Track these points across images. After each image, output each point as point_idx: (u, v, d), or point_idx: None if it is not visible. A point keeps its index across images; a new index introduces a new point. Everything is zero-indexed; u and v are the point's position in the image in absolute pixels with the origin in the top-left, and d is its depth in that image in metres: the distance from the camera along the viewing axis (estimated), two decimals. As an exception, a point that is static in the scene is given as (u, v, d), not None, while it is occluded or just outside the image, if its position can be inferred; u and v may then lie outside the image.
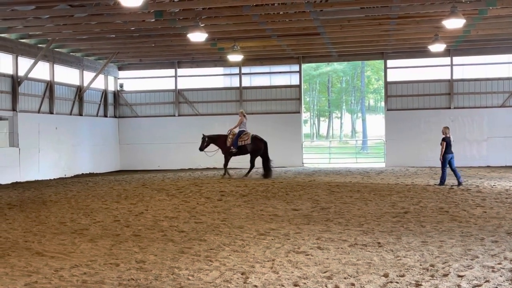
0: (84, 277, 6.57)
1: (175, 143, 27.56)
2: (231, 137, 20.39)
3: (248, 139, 20.29)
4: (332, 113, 65.23)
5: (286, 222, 10.30)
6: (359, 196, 14.04)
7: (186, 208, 12.56)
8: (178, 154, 27.38)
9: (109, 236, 9.20)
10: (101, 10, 17.00)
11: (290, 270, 6.72)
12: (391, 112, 26.30)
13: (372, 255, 7.46)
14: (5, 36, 20.04)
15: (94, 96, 26.73)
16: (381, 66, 34.15)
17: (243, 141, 20.28)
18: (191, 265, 7.11)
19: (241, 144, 20.27)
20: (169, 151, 27.59)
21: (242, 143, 20.28)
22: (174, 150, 27.49)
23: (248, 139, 20.29)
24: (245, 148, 20.39)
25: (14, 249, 8.23)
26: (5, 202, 14.08)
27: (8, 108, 20.63)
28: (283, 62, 27.17)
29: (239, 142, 20.24)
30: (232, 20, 18.76)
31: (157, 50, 24.54)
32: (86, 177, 22.51)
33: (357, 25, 19.79)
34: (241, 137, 20.26)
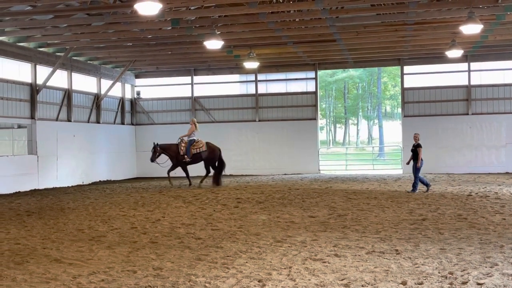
0: (102, 284, 6.60)
1: (191, 150, 27.57)
2: (183, 145, 19.94)
3: (202, 146, 20.02)
4: (348, 120, 65.00)
5: (302, 229, 10.27)
6: (376, 203, 13.96)
7: (202, 215, 12.58)
8: (195, 161, 27.39)
9: (126, 243, 9.24)
10: (118, 18, 17.16)
11: (307, 278, 6.69)
12: (408, 118, 26.14)
13: (390, 263, 7.40)
14: (24, 45, 20.31)
15: (112, 103, 26.95)
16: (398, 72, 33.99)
17: (197, 149, 19.94)
18: (208, 272, 7.11)
19: (195, 152, 19.93)
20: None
21: (197, 151, 19.95)
22: (191, 157, 27.51)
23: (203, 146, 20.03)
24: (199, 156, 20.08)
25: (33, 256, 8.30)
26: (24, 209, 14.22)
27: (27, 116, 20.87)
28: (299, 68, 27.17)
29: (193, 150, 19.88)
30: (248, 28, 18.82)
31: (174, 58, 24.69)
32: (104, 185, 22.66)
33: (373, 31, 19.73)
34: (193, 145, 19.90)
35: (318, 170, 26.83)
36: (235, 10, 16.39)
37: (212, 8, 16.59)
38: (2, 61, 19.60)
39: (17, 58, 20.18)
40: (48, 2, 14.94)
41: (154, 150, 19.85)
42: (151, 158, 19.94)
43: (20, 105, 20.50)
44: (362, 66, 32.49)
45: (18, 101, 20.40)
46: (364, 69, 50.69)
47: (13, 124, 21.70)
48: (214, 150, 20.29)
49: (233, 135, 27.48)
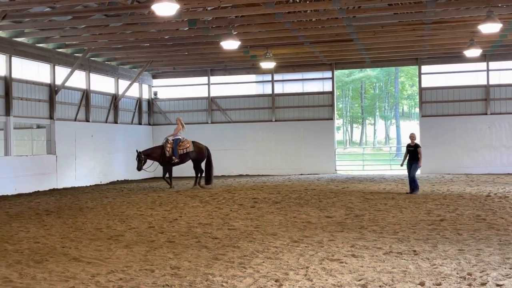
0: (120, 283, 6.65)
1: (208, 150, 27.64)
2: (169, 146, 19.34)
3: (189, 146, 19.52)
4: (365, 120, 64.70)
5: (319, 230, 10.25)
6: (393, 204, 13.88)
7: (219, 214, 12.61)
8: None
9: (144, 242, 9.30)
10: (136, 19, 17.28)
11: (324, 278, 6.68)
12: (426, 118, 25.96)
13: (408, 263, 7.36)
14: (43, 46, 20.54)
15: (129, 104, 27.14)
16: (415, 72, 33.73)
17: (184, 149, 19.42)
18: (225, 271, 7.13)
19: (182, 152, 19.40)
20: (202, 158, 27.69)
21: (184, 151, 19.42)
22: (207, 157, 27.59)
23: (190, 146, 19.53)
24: (186, 156, 19.60)
25: (52, 255, 8.39)
26: (43, 208, 14.38)
27: (46, 116, 21.09)
28: (315, 68, 27.11)
29: (180, 150, 19.33)
30: (264, 28, 18.83)
31: (191, 58, 24.78)
32: (121, 184, 22.82)
33: (391, 30, 19.62)
34: (180, 145, 19.38)
35: (334, 170, 26.75)
36: (251, 10, 16.40)
37: (228, 8, 16.63)
38: (21, 62, 19.84)
39: (36, 59, 20.42)
40: (66, 3, 15.09)
41: (138, 158, 19.08)
42: (137, 167, 19.18)
43: (39, 106, 20.73)
44: (379, 66, 32.38)
45: (37, 101, 20.64)
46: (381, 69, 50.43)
47: (32, 124, 21.96)
48: (201, 149, 19.87)
49: (250, 135, 27.52)
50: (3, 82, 18.93)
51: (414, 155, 16.35)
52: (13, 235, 10.28)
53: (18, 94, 19.57)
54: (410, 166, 16.42)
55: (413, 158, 16.38)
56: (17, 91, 19.53)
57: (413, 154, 16.41)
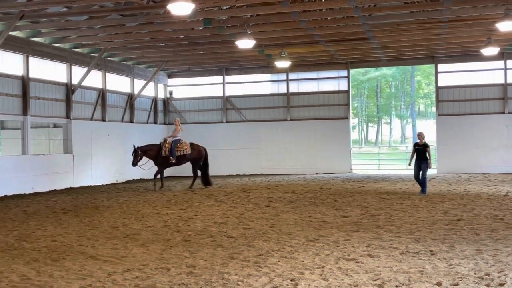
0: (136, 281, 6.69)
1: (223, 149, 27.74)
2: (167, 146, 19.06)
3: (187, 148, 19.29)
4: (381, 119, 64.38)
5: (335, 229, 10.22)
6: (410, 203, 13.80)
7: (234, 214, 12.63)
8: (226, 160, 27.56)
9: (160, 241, 9.33)
10: (152, 19, 17.35)
11: (340, 278, 6.65)
12: (442, 117, 25.76)
13: (424, 263, 7.30)
14: (60, 45, 20.70)
15: (145, 103, 27.26)
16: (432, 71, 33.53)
17: (181, 151, 19.17)
18: (241, 270, 7.13)
19: (180, 154, 19.15)
20: (217, 157, 27.71)
21: (181, 153, 19.18)
22: (222, 156, 27.66)
23: (188, 148, 19.30)
24: (183, 158, 19.38)
25: (69, 253, 8.45)
26: (60, 207, 14.50)
27: (63, 115, 21.26)
28: (331, 67, 27.02)
29: (177, 152, 19.08)
30: (279, 27, 18.80)
31: (206, 58, 24.83)
32: (137, 183, 22.93)
33: (407, 29, 19.49)
34: (178, 147, 19.12)
35: (350, 169, 26.64)
36: (267, 9, 16.39)
37: (244, 7, 16.63)
38: (39, 62, 20.01)
39: (53, 59, 20.59)
40: (83, 3, 15.19)
41: (135, 154, 18.72)
42: (133, 163, 18.79)
43: (56, 105, 20.90)
44: (395, 65, 32.22)
45: (54, 101, 20.81)
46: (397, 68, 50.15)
47: (49, 124, 22.17)
48: (200, 151, 19.64)
49: (264, 134, 27.51)
50: (20, 81, 19.12)
51: (423, 155, 15.88)
52: (30, 233, 10.38)
53: (35, 93, 19.74)
54: (418, 166, 15.96)
55: (422, 158, 15.90)
56: (34, 90, 19.70)
57: (421, 153, 15.94)
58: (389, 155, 43.73)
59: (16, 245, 9.17)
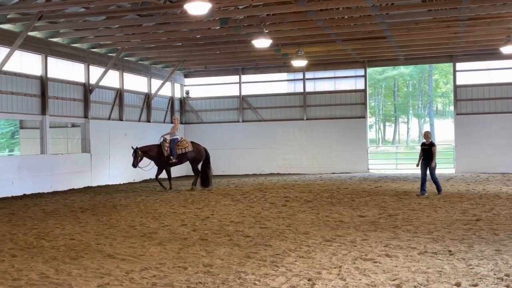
0: (153, 280, 6.71)
1: (239, 148, 27.79)
2: (167, 145, 18.53)
3: (188, 146, 18.68)
4: (398, 118, 63.97)
5: (352, 229, 10.16)
6: (428, 203, 13.69)
7: (251, 213, 12.63)
8: (242, 159, 27.60)
9: (177, 240, 9.36)
10: (168, 19, 17.43)
11: (358, 278, 6.61)
12: (460, 116, 25.52)
13: (443, 264, 7.24)
14: (78, 46, 20.87)
15: (161, 103, 27.39)
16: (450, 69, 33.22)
17: (182, 149, 18.59)
18: (257, 270, 7.12)
19: (181, 152, 18.58)
20: (233, 157, 27.84)
21: (182, 151, 18.60)
22: (239, 156, 27.73)
23: (189, 146, 18.71)
24: (184, 157, 18.78)
25: (87, 251, 8.51)
26: (78, 206, 14.62)
27: (81, 115, 21.43)
28: (347, 66, 26.90)
29: (178, 150, 18.52)
30: (296, 26, 18.77)
31: (222, 57, 24.87)
32: (154, 182, 23.00)
33: (425, 27, 19.33)
34: (178, 145, 18.56)
35: (367, 169, 26.51)
36: (283, 8, 16.37)
37: (260, 7, 16.62)
38: (57, 62, 20.20)
39: (71, 59, 20.76)
40: (101, 3, 15.29)
41: (135, 155, 18.19)
42: (133, 164, 18.26)
43: (74, 105, 21.08)
44: (413, 63, 31.95)
45: (72, 100, 20.99)
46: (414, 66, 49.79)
47: (67, 123, 22.36)
48: (200, 150, 19.06)
49: (281, 133, 27.49)
50: (39, 81, 19.31)
51: (429, 155, 15.39)
52: (49, 232, 10.47)
53: (53, 93, 19.93)
54: (425, 166, 15.52)
55: (428, 157, 15.42)
56: (52, 90, 19.89)
57: (428, 153, 15.45)
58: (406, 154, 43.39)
59: (35, 244, 9.26)
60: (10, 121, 31.81)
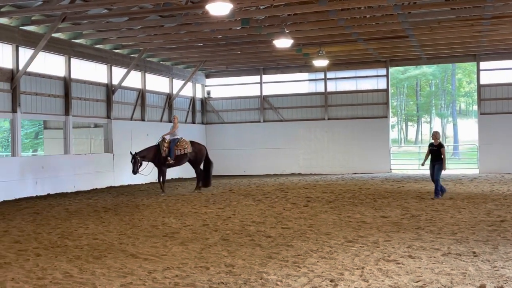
0: (176, 280, 6.74)
1: (260, 148, 27.81)
2: (166, 145, 17.77)
3: (188, 147, 18.00)
4: (420, 118, 63.37)
5: (374, 230, 10.09)
6: (451, 204, 13.53)
7: (272, 213, 12.61)
8: (263, 159, 27.61)
9: (198, 240, 9.39)
10: (190, 19, 17.50)
11: (381, 279, 6.56)
12: (484, 116, 25.19)
13: (467, 265, 7.14)
14: (101, 47, 21.07)
15: (183, 103, 27.52)
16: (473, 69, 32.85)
17: (182, 150, 17.89)
18: (279, 270, 7.11)
19: (180, 153, 17.87)
20: (255, 157, 27.87)
21: (181, 152, 17.89)
22: (260, 156, 27.74)
23: (188, 146, 18.03)
24: (184, 157, 18.07)
25: (110, 251, 8.58)
26: (101, 205, 14.76)
27: (103, 115, 21.64)
28: (369, 66, 26.74)
29: (177, 151, 17.79)
30: (317, 25, 18.70)
31: (243, 57, 24.90)
32: (175, 182, 23.15)
33: (448, 26, 19.12)
34: (177, 145, 17.84)
35: (389, 169, 26.31)
36: (304, 8, 16.33)
37: (281, 7, 16.60)
38: (80, 63, 20.42)
39: (94, 60, 20.97)
40: (123, 4, 15.42)
41: (134, 161, 17.35)
42: (133, 170, 17.43)
43: (97, 105, 21.29)
44: (435, 63, 31.63)
45: (95, 101, 21.20)
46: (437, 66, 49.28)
47: (90, 124, 22.59)
48: (200, 150, 18.53)
49: (302, 133, 27.43)
50: (62, 82, 19.54)
51: (438, 156, 14.94)
52: (73, 231, 10.58)
53: (76, 94, 20.15)
54: (433, 167, 15.03)
55: (436, 158, 14.96)
56: (76, 91, 20.11)
57: (436, 154, 15.00)
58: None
59: (59, 243, 9.36)
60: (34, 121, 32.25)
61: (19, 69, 17.29)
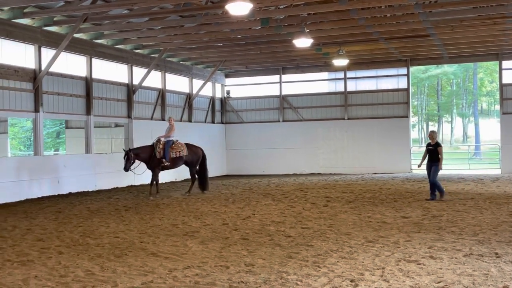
0: (196, 278, 6.77)
1: (279, 148, 27.80)
2: (161, 147, 16.90)
3: (184, 149, 17.25)
4: (441, 117, 62.76)
5: (395, 230, 10.02)
6: (473, 204, 13.39)
7: (292, 213, 12.60)
8: (283, 159, 27.59)
9: (218, 239, 9.42)
10: (210, 19, 17.55)
11: (402, 279, 6.52)
12: (507, 115, 24.86)
13: (489, 266, 7.06)
14: (121, 47, 21.23)
15: (202, 103, 27.62)
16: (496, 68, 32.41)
17: (177, 152, 17.11)
18: (299, 270, 7.10)
19: (175, 155, 17.08)
20: (274, 156, 27.86)
21: (177, 155, 17.10)
22: (279, 155, 27.73)
23: (184, 149, 17.27)
24: (180, 160, 17.31)
25: (131, 249, 8.65)
26: (121, 204, 14.88)
27: (124, 115, 21.80)
28: (390, 65, 26.57)
29: (172, 153, 16.99)
30: (337, 25, 18.63)
31: (263, 57, 24.91)
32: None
33: (470, 25, 18.91)
34: (172, 148, 17.03)
35: (410, 169, 26.10)
36: (324, 7, 16.28)
37: (301, 6, 16.56)
38: (101, 63, 20.60)
39: (115, 60, 21.13)
40: (143, 5, 15.52)
41: (127, 157, 16.41)
42: (125, 167, 16.44)
43: (117, 105, 21.46)
44: (457, 62, 31.31)
45: (116, 101, 21.37)
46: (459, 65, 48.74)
47: (111, 123, 22.76)
48: (196, 152, 17.73)
49: (321, 133, 27.34)
50: (84, 82, 19.74)
51: (435, 156, 14.51)
52: (94, 229, 10.69)
53: (98, 94, 20.34)
54: (430, 168, 14.60)
55: (433, 159, 14.54)
56: (97, 91, 20.30)
57: (433, 154, 14.58)
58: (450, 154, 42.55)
59: (81, 241, 9.47)
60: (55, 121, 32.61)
61: (42, 69, 17.50)
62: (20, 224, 11.58)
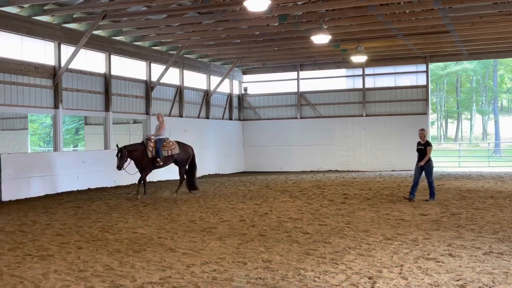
0: (214, 274, 6.79)
1: (297, 145, 27.76)
2: (152, 145, 16.03)
3: (175, 147, 16.50)
4: (461, 114, 62.16)
5: (413, 227, 9.96)
6: (493, 202, 13.25)
7: (309, 210, 12.58)
8: (300, 156, 27.55)
9: (236, 235, 9.44)
10: (228, 16, 17.56)
11: (420, 277, 6.47)
12: (528, 112, 24.53)
13: (510, 265, 6.98)
14: (140, 44, 21.34)
15: (220, 99, 27.67)
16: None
17: (169, 151, 16.34)
18: (317, 267, 7.09)
19: (167, 154, 16.30)
20: (291, 153, 27.84)
21: (169, 153, 16.34)
22: (296, 152, 27.70)
23: (176, 147, 16.52)
24: (171, 159, 16.50)
25: (149, 245, 8.71)
26: (140, 200, 14.96)
27: (142, 112, 21.93)
28: (408, 62, 26.37)
29: (164, 151, 16.18)
30: (356, 21, 18.53)
31: (280, 54, 24.87)
32: (212, 178, 23.32)
33: (490, 21, 18.69)
34: (164, 146, 16.26)
35: (428, 166, 25.84)
36: (343, 3, 16.20)
37: (319, 2, 16.52)
38: (120, 60, 20.73)
39: (133, 57, 21.25)
40: (162, 2, 15.57)
41: (121, 155, 15.35)
42: (118, 165, 15.36)
43: (136, 101, 21.59)
44: (477, 58, 30.95)
45: (134, 97, 21.50)
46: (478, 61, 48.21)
47: (129, 120, 22.91)
48: (187, 150, 16.95)
49: (339, 130, 27.25)
50: (103, 79, 19.89)
51: (424, 155, 13.92)
52: (113, 225, 10.77)
53: (116, 90, 20.48)
54: (419, 168, 14.00)
55: (423, 158, 13.94)
56: (115, 87, 20.44)
57: (423, 153, 13.98)
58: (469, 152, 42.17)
59: (100, 236, 9.55)
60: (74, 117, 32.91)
61: (61, 66, 17.66)
62: (40, 219, 11.72)
